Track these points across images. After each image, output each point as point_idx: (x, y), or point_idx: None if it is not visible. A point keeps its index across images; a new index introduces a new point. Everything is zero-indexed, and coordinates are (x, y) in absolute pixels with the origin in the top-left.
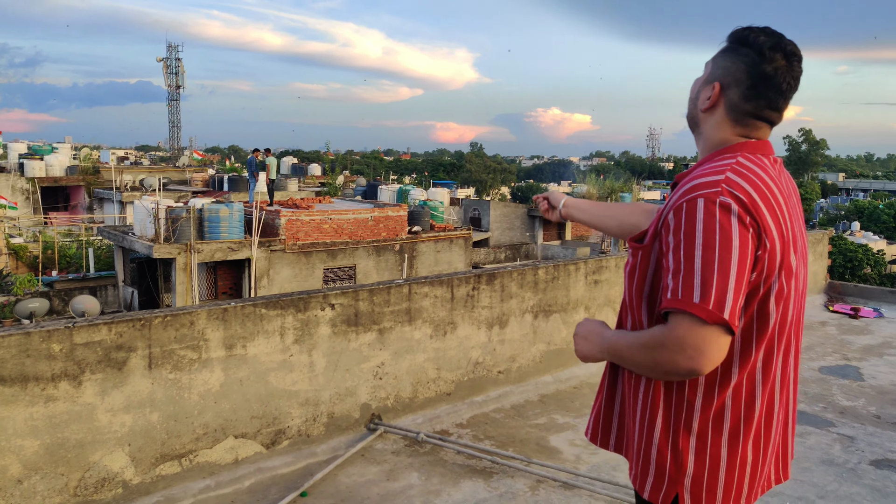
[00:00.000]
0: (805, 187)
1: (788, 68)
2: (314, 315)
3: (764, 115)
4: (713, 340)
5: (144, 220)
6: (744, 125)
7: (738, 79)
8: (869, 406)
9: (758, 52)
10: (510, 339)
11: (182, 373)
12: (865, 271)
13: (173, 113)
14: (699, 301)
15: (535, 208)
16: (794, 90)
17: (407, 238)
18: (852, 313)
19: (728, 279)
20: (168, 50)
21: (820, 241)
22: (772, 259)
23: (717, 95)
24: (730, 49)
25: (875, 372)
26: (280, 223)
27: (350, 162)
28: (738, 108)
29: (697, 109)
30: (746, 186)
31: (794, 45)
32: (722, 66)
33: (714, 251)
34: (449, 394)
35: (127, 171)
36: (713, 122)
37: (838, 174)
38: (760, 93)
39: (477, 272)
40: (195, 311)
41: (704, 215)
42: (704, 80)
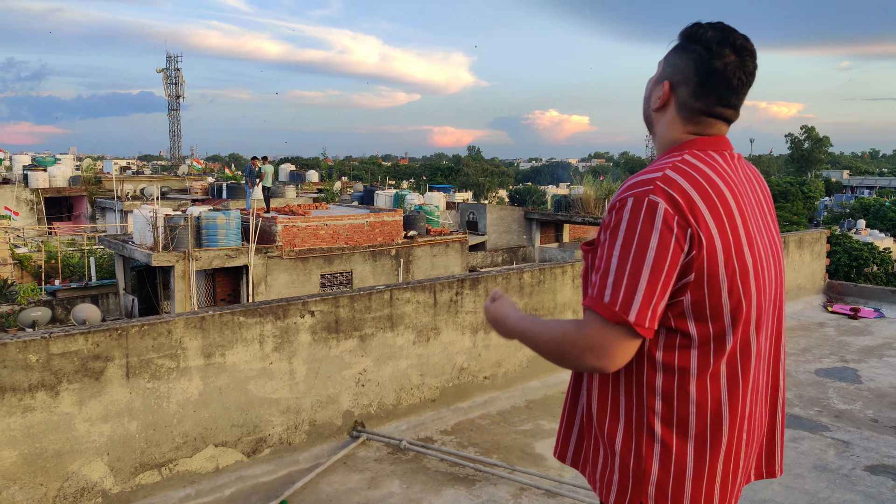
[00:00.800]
0: (808, 185)
1: (740, 64)
2: (294, 322)
3: (716, 111)
4: (616, 341)
5: (143, 229)
6: (695, 123)
7: (687, 76)
8: (866, 409)
9: (706, 48)
10: (496, 344)
11: (160, 382)
12: (871, 270)
13: (174, 122)
14: (607, 301)
15: (533, 210)
16: (746, 86)
17: (403, 243)
18: (852, 314)
19: (639, 280)
20: (168, 61)
21: (818, 240)
22: (711, 259)
23: (667, 94)
24: (679, 46)
25: (874, 374)
26: (277, 230)
27: (348, 168)
28: (689, 105)
29: (650, 109)
30: (684, 184)
31: (746, 39)
32: (672, 65)
33: (630, 251)
34: (433, 400)
35: (128, 181)
36: (665, 121)
37: (843, 171)
38: (710, 90)
39: (460, 277)
40: (172, 320)
41: (629, 214)
42: (656, 79)
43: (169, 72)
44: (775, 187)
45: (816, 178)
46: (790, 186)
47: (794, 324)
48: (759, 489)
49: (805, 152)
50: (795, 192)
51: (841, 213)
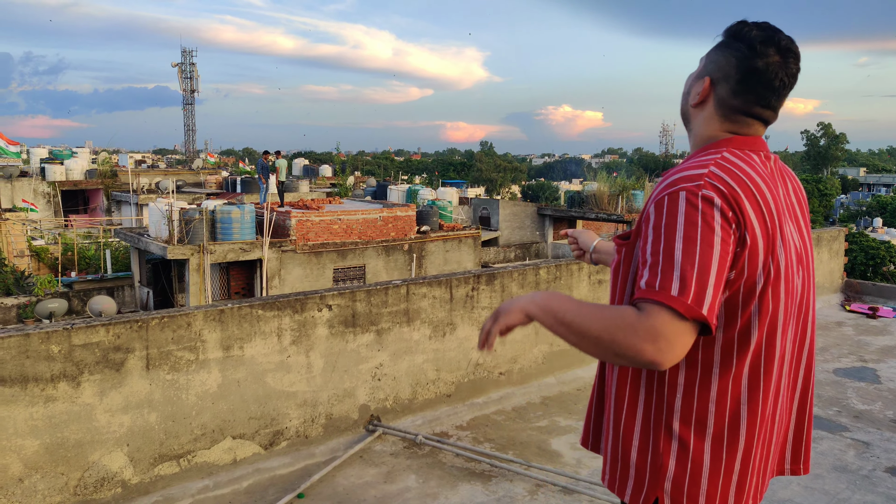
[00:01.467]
0: (824, 182)
1: (783, 64)
2: (311, 316)
3: (754, 111)
4: (685, 336)
5: (159, 222)
6: (733, 121)
7: (728, 73)
8: (886, 410)
9: (749, 46)
10: (511, 340)
11: (179, 374)
12: (889, 269)
13: (188, 117)
14: (678, 294)
15: (545, 207)
16: (788, 88)
17: (416, 238)
18: (870, 313)
19: (709, 274)
20: (183, 55)
21: (836, 238)
22: (752, 258)
23: (706, 90)
24: (723, 44)
25: (893, 374)
26: (291, 224)
27: (361, 163)
28: (727, 103)
29: (688, 105)
30: (729, 181)
31: (791, 40)
32: (713, 61)
33: (696, 244)
34: (449, 395)
35: (143, 175)
36: (702, 117)
37: (860, 169)
38: (750, 88)
39: (476, 272)
40: (192, 313)
41: (686, 207)
42: (696, 75)
43: (184, 66)
44: None
45: (833, 176)
46: (806, 184)
47: None
48: (779, 489)
49: (821, 149)
50: (811, 189)
51: (857, 212)
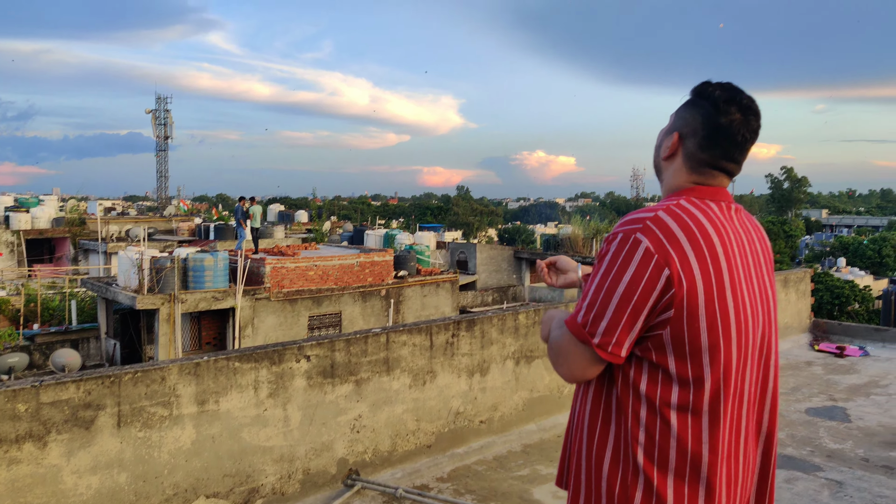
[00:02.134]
0: (789, 224)
1: (744, 122)
2: (289, 367)
3: (720, 164)
4: (578, 358)
5: (128, 271)
6: (699, 173)
7: (695, 129)
8: (857, 448)
9: (714, 104)
10: (492, 387)
11: (152, 430)
12: (853, 307)
13: (161, 163)
14: (580, 321)
15: (522, 250)
16: (750, 143)
17: (393, 283)
18: (838, 352)
19: (608, 307)
20: (157, 102)
21: (802, 279)
22: (692, 299)
23: (675, 144)
24: (690, 102)
25: (862, 413)
26: (265, 271)
27: (337, 208)
28: (695, 156)
29: (660, 157)
30: (672, 226)
31: (752, 100)
32: (682, 117)
33: (607, 280)
34: (429, 446)
35: (113, 222)
36: (672, 169)
37: (822, 211)
38: (716, 143)
39: (456, 318)
40: (166, 367)
41: (615, 247)
42: (666, 131)
43: (158, 112)
44: None
45: (797, 218)
46: (772, 226)
47: (783, 363)
48: None
49: (785, 192)
50: (777, 231)
51: (822, 252)
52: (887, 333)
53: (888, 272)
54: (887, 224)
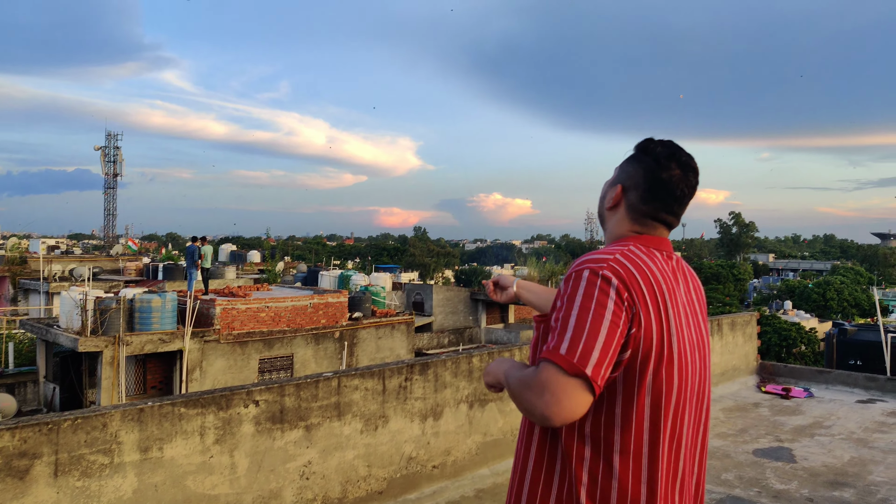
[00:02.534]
0: (738, 268)
1: (683, 178)
2: (237, 413)
3: (659, 216)
4: (570, 391)
5: (71, 312)
6: (641, 224)
7: (637, 182)
8: (801, 489)
9: (655, 160)
10: (445, 432)
11: (91, 479)
12: (800, 349)
13: (109, 200)
14: (565, 353)
15: (478, 292)
16: (688, 197)
17: (347, 325)
18: (783, 394)
19: (596, 339)
20: (107, 138)
21: (749, 322)
22: (647, 340)
23: (618, 196)
24: (633, 157)
25: (807, 453)
26: (215, 312)
27: (292, 248)
28: (637, 208)
29: (604, 207)
30: (630, 267)
31: (691, 157)
32: (625, 171)
33: (588, 313)
34: (381, 492)
35: (56, 261)
36: (616, 219)
37: (768, 255)
38: (656, 196)
39: (409, 362)
40: (109, 413)
41: (586, 282)
42: (610, 182)
43: (107, 150)
44: (708, 270)
45: (745, 261)
46: (721, 269)
47: (731, 404)
48: None
49: (733, 237)
50: (727, 274)
51: (769, 295)
52: (830, 375)
53: (832, 315)
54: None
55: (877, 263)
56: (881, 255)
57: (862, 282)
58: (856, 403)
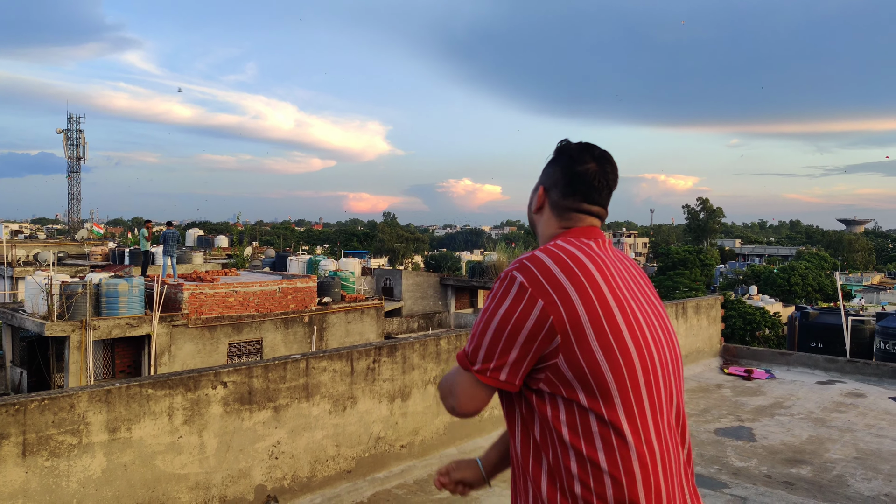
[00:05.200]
0: (705, 253)
1: (599, 169)
2: (205, 394)
3: (583, 207)
4: (464, 386)
5: (36, 297)
6: (567, 219)
7: (556, 180)
8: (760, 466)
9: (569, 157)
10: (413, 412)
11: (60, 459)
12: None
13: (73, 185)
14: (464, 352)
15: (448, 277)
16: (607, 188)
17: (316, 309)
18: (746, 375)
19: (486, 337)
20: (69, 121)
21: (713, 306)
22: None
23: (541, 197)
24: (552, 159)
25: (767, 432)
26: (183, 297)
27: (260, 233)
28: (559, 204)
29: (531, 212)
30: (547, 262)
31: (606, 152)
32: (545, 173)
33: (485, 314)
34: (349, 471)
35: (20, 246)
36: (543, 220)
37: (735, 241)
38: (576, 189)
39: (377, 344)
40: (76, 394)
41: (496, 286)
42: (535, 188)
43: (70, 133)
44: (675, 255)
45: (712, 247)
46: (689, 255)
47: (694, 385)
48: None
49: (701, 222)
50: (693, 259)
51: (735, 280)
52: (792, 357)
53: (796, 300)
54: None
55: (841, 249)
56: (846, 240)
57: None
58: (816, 384)
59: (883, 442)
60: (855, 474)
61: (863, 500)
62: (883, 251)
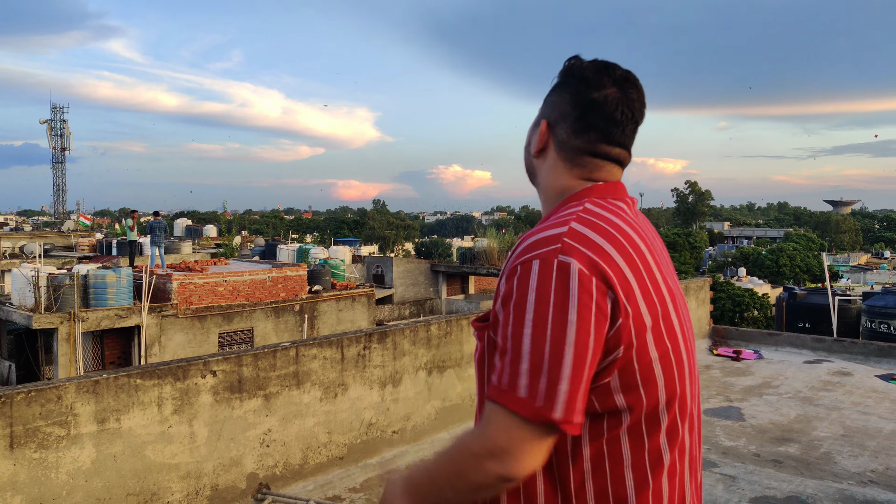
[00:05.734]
0: (694, 236)
1: (622, 96)
2: (194, 383)
3: (600, 150)
4: (532, 442)
5: (23, 289)
6: (581, 165)
7: (565, 112)
8: (749, 445)
9: (582, 79)
10: (404, 398)
11: (48, 451)
12: (752, 314)
13: (58, 175)
14: (524, 395)
15: (439, 263)
16: (632, 121)
17: (307, 298)
18: (734, 356)
19: (562, 366)
20: (53, 111)
21: (702, 287)
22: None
23: (544, 133)
24: (557, 84)
25: (755, 412)
26: (172, 287)
27: (249, 222)
28: (569, 144)
29: (530, 156)
30: (596, 238)
31: (628, 71)
32: (549, 103)
33: (545, 329)
34: (341, 458)
35: (6, 238)
36: (547, 166)
37: (724, 223)
38: (591, 123)
39: (367, 330)
40: (63, 385)
41: (537, 281)
42: (534, 123)
43: (54, 123)
44: (664, 238)
45: (701, 230)
46: (678, 238)
47: None
48: None
49: (690, 205)
50: (683, 242)
51: (724, 262)
52: (780, 338)
53: (784, 281)
54: (784, 235)
55: (828, 230)
56: (833, 221)
57: (814, 248)
58: (803, 364)
59: (869, 419)
60: (842, 451)
61: (849, 476)
62: (870, 231)
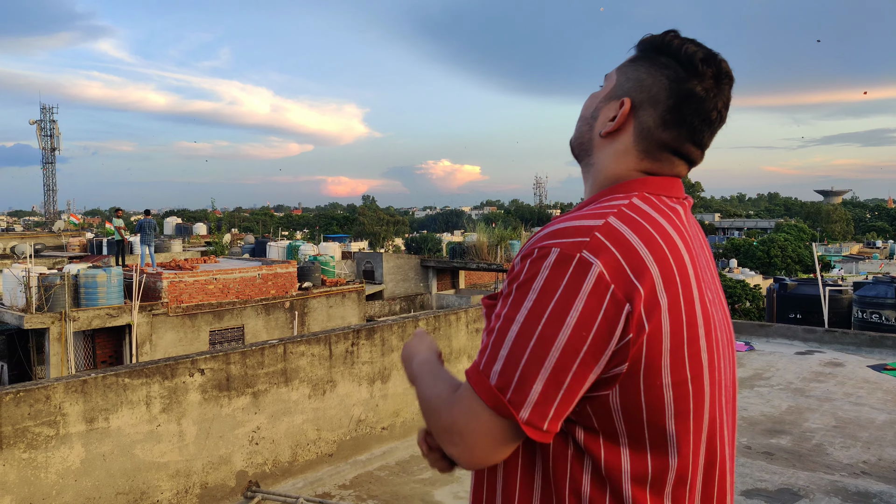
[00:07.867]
0: None
1: (720, 93)
2: (182, 382)
3: (685, 149)
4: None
5: (14, 290)
6: (654, 159)
7: (657, 97)
8: (741, 437)
9: (686, 63)
10: (393, 394)
11: (38, 451)
12: (744, 305)
13: (49, 176)
14: (494, 382)
15: (429, 259)
16: (722, 122)
17: (297, 295)
18: None
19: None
20: (42, 112)
21: None
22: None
23: (625, 116)
24: (644, 57)
25: (746, 404)
26: (162, 286)
27: (238, 219)
28: (653, 136)
29: (593, 132)
30: (633, 239)
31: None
32: (635, 79)
33: (540, 319)
34: (331, 455)
35: None
36: (613, 150)
37: (714, 214)
38: (684, 118)
39: (356, 327)
40: (51, 385)
41: (550, 269)
42: (607, 95)
43: (44, 124)
44: None
45: None
46: None
47: None
48: None
49: None
50: None
51: (716, 254)
52: (771, 329)
53: (776, 272)
54: (774, 226)
55: (819, 220)
56: (824, 211)
57: (805, 238)
58: (795, 355)
59: (861, 410)
60: (834, 443)
61: (841, 467)
62: (861, 221)
